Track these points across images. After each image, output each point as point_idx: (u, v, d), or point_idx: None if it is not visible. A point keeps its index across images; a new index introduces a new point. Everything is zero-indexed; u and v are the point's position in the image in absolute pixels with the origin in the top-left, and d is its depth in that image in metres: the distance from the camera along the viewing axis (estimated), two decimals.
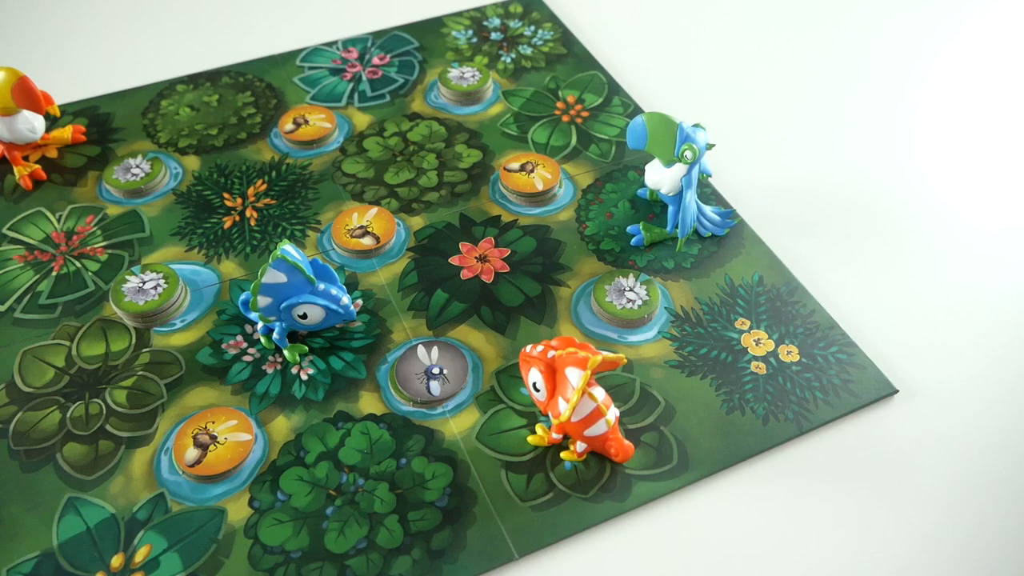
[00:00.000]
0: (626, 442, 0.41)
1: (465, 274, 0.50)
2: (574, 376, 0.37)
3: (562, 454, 0.41)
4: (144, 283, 0.48)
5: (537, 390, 0.39)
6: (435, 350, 0.45)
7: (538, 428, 0.42)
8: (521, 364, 0.40)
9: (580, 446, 0.41)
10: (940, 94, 0.64)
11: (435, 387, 0.44)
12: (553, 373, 0.39)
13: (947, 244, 0.53)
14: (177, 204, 0.54)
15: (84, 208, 0.54)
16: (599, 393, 0.39)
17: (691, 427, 0.43)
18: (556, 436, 0.41)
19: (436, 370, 0.45)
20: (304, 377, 0.45)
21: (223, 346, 0.46)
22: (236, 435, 0.42)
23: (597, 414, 0.39)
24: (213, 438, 0.42)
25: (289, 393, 0.44)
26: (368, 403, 0.44)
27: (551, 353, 0.38)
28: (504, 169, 0.55)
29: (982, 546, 0.39)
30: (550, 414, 0.40)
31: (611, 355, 0.37)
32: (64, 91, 0.62)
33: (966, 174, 0.58)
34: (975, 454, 0.43)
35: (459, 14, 0.70)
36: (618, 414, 0.40)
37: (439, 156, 0.57)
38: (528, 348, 0.39)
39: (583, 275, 0.50)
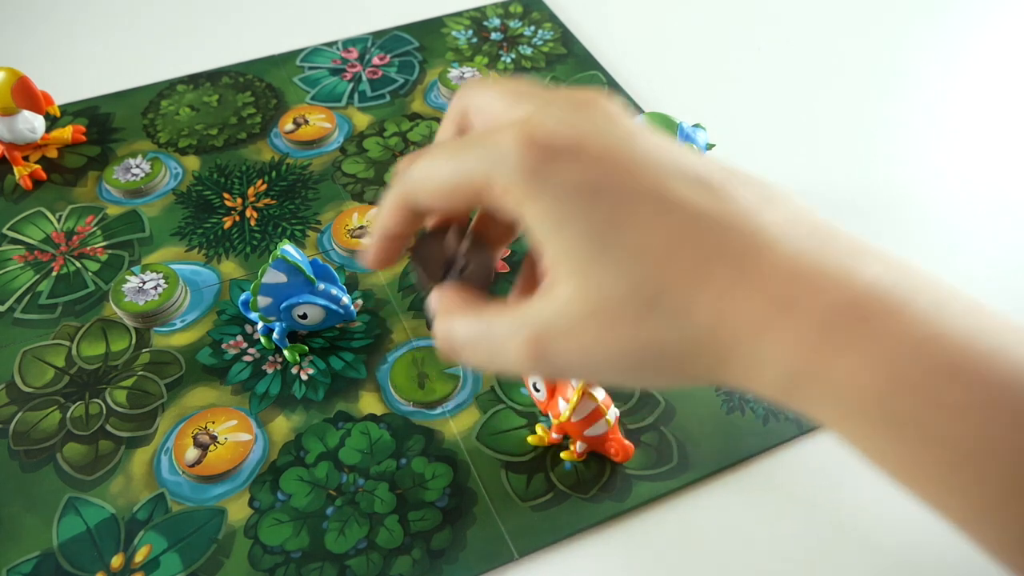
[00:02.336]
0: (626, 442, 0.41)
1: None
2: None
3: (562, 454, 0.41)
4: (144, 283, 0.48)
5: (537, 390, 0.39)
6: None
7: (538, 428, 0.42)
8: None
9: (580, 446, 0.41)
10: (940, 93, 0.64)
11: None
12: None
13: (947, 244, 0.53)
14: (177, 204, 0.54)
15: (84, 208, 0.54)
16: (599, 393, 0.39)
17: (691, 427, 0.43)
18: (556, 436, 0.41)
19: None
20: (304, 377, 0.45)
21: (223, 346, 0.46)
22: (236, 435, 0.42)
23: (597, 414, 0.39)
24: (213, 438, 0.42)
25: (289, 393, 0.44)
26: (368, 403, 0.44)
27: None
28: None
29: None
30: (550, 414, 0.40)
31: None
32: (64, 91, 0.61)
33: (965, 174, 0.58)
34: None
35: (459, 14, 0.70)
36: (618, 414, 0.40)
37: None
38: None
39: None
